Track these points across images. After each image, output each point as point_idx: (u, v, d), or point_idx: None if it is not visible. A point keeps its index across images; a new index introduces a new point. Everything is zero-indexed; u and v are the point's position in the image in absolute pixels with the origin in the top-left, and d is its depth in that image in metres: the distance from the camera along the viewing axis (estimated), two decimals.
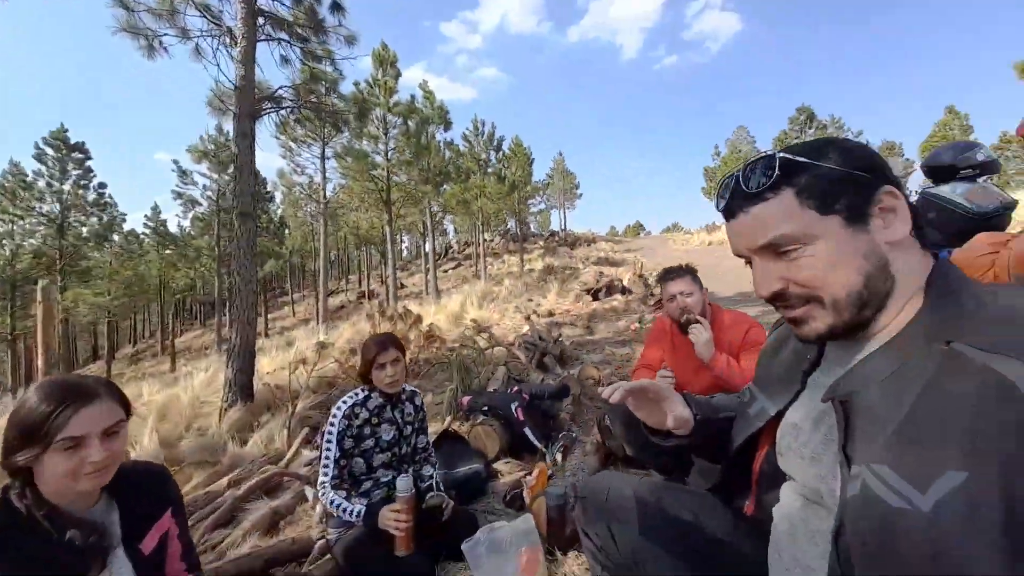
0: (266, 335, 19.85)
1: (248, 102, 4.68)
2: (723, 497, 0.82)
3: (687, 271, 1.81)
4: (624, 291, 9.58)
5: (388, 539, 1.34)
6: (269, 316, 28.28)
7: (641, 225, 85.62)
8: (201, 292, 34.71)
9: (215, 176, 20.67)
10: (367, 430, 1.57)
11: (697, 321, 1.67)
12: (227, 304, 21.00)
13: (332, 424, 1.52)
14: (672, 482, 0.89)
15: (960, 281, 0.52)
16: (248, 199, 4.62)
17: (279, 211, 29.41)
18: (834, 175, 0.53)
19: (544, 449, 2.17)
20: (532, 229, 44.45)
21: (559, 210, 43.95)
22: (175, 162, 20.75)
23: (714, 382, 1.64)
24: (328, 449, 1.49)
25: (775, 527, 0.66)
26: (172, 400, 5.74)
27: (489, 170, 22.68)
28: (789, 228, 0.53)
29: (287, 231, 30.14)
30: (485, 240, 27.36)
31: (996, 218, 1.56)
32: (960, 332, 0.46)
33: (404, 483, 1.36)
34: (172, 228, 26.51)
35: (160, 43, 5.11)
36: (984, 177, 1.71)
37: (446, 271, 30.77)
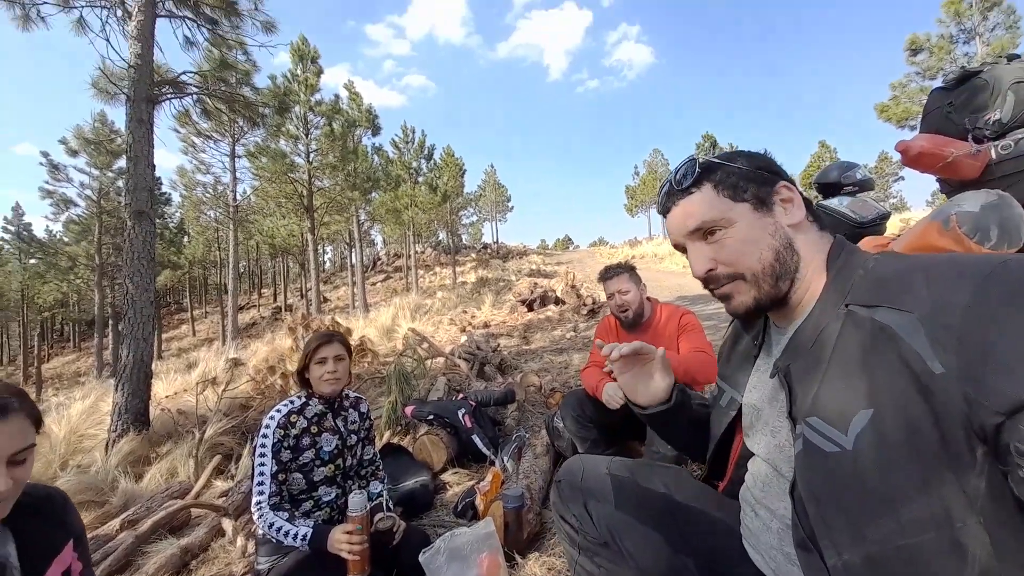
0: (159, 357, 17.38)
1: (145, 84, 4.12)
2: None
3: (624, 269, 1.91)
4: (558, 301, 9.86)
5: (337, 564, 1.21)
6: (163, 336, 24.92)
7: (570, 239, 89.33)
8: (76, 309, 29.68)
9: (96, 172, 17.94)
10: (306, 440, 1.41)
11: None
12: (109, 321, 18.14)
13: (265, 436, 1.35)
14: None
15: (851, 254, 0.62)
16: (145, 195, 4.05)
17: (177, 214, 26.19)
18: (741, 172, 0.65)
19: (493, 456, 2.13)
20: (464, 241, 44.38)
21: (491, 222, 44.48)
22: (44, 155, 17.62)
23: None
24: (262, 464, 1.31)
25: (747, 491, 0.71)
26: (42, 434, 4.78)
27: (420, 179, 22.33)
28: (710, 214, 0.63)
29: (186, 238, 26.91)
30: (416, 252, 26.72)
31: (875, 226, 1.85)
32: (853, 295, 0.56)
33: (358, 500, 1.24)
34: (39, 232, 22.42)
35: (37, 11, 4.35)
36: (863, 192, 2.03)
37: (374, 284, 29.52)
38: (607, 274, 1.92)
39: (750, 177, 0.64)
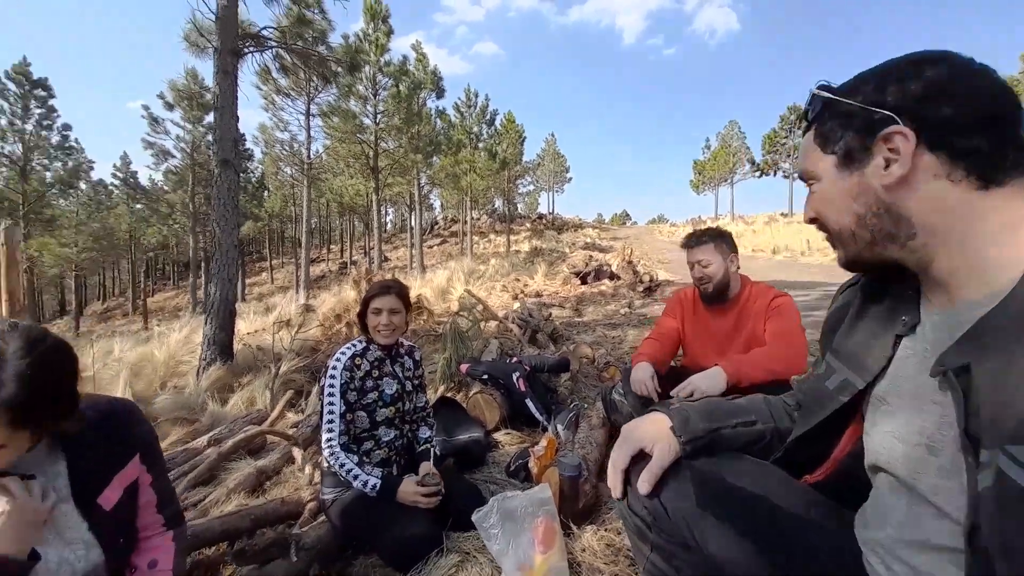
0: (243, 299, 19.28)
1: (231, 36, 4.31)
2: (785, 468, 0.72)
3: (710, 237, 1.69)
4: (612, 276, 9.58)
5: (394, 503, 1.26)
6: (246, 281, 27.48)
7: (627, 214, 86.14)
8: (175, 251, 33.36)
9: (189, 126, 19.54)
10: (369, 383, 1.45)
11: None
12: (202, 263, 20.19)
13: (332, 377, 1.39)
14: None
15: None
16: (230, 145, 4.32)
17: (259, 170, 28.21)
18: (845, 113, 0.54)
19: (546, 422, 2.11)
20: (519, 210, 44.12)
21: (548, 192, 43.68)
22: (145, 108, 19.39)
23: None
24: (331, 404, 1.36)
25: (872, 530, 0.58)
26: (146, 357, 5.50)
27: (480, 144, 22.21)
28: (804, 163, 0.60)
29: (267, 193, 28.99)
30: (472, 218, 26.96)
31: None
32: None
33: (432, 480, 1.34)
34: (143, 181, 25.16)
35: None
36: None
37: (431, 247, 30.39)
38: (690, 241, 1.72)
39: (853, 119, 0.53)
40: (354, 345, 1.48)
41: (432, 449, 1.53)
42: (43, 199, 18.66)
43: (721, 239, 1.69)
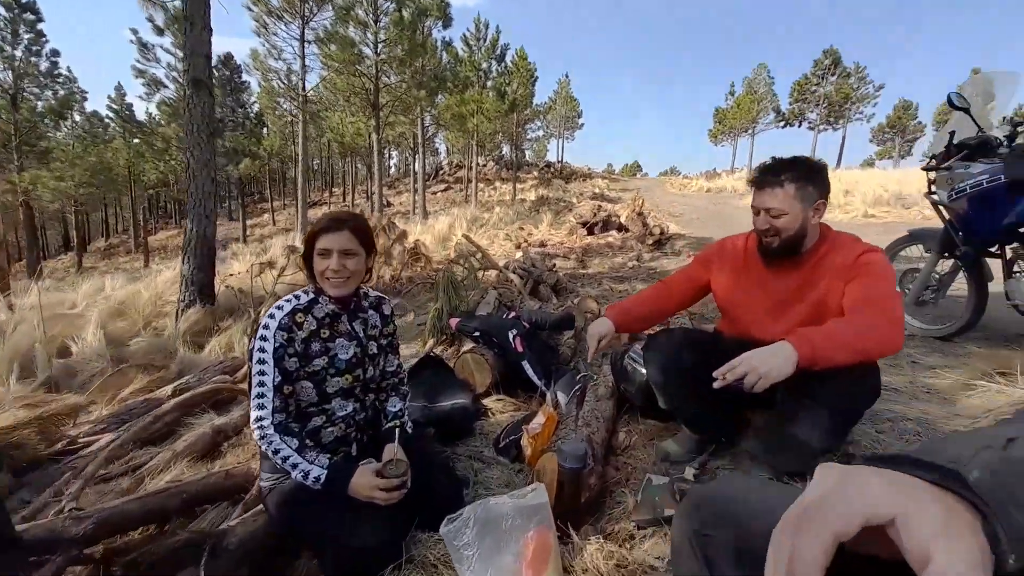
0: (244, 241, 18.97)
1: None
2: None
3: (793, 177, 1.17)
4: (621, 228, 9.16)
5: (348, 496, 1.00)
6: (247, 222, 27.04)
7: (639, 165, 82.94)
8: (175, 189, 32.68)
9: (181, 54, 18.24)
10: (316, 346, 1.12)
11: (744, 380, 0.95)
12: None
13: (264, 339, 1.05)
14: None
15: None
16: (202, 61, 3.78)
17: (255, 104, 26.83)
18: None
19: (544, 387, 1.83)
20: (527, 157, 42.33)
21: (558, 139, 41.70)
22: (134, 32, 17.97)
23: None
24: (262, 373, 1.04)
25: None
26: (133, 296, 5.29)
27: (488, 83, 20.81)
28: None
29: (265, 130, 27.78)
30: (478, 164, 25.86)
31: None
32: None
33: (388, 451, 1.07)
34: (140, 114, 24.06)
35: None
36: None
37: (435, 193, 29.50)
38: (763, 177, 1.22)
39: None
40: (296, 297, 1.13)
41: (400, 428, 1.20)
42: (35, 130, 17.88)
43: (808, 180, 1.18)
